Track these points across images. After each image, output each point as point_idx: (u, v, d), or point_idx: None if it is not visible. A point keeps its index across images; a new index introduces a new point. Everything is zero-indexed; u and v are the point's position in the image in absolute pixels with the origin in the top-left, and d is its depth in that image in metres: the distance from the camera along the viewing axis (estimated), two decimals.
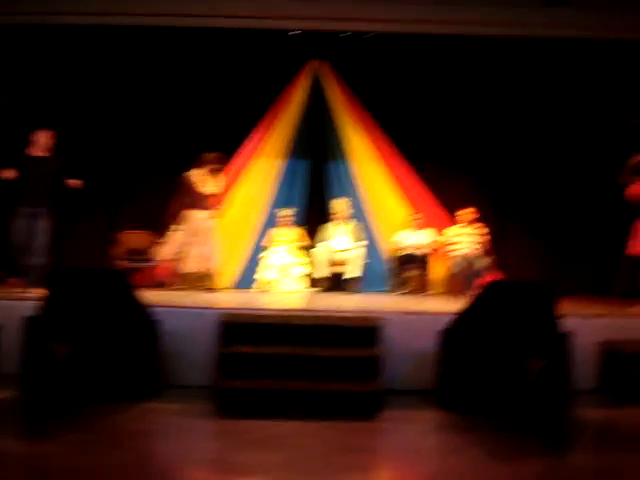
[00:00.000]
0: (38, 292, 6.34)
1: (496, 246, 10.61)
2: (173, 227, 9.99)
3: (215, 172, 9.39)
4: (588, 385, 6.34)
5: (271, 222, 10.62)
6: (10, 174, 7.82)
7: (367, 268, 10.45)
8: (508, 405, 5.54)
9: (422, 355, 6.21)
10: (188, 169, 9.52)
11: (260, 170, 10.71)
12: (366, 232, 10.51)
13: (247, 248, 10.65)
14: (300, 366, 5.76)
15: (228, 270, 10.51)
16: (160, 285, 9.77)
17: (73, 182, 8.20)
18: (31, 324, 5.73)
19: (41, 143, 8.14)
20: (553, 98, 10.59)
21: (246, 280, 10.50)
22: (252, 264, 10.55)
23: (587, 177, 10.55)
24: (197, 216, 9.34)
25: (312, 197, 10.91)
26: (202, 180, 9.30)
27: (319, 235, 10.35)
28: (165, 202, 10.38)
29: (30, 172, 7.91)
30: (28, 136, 8.19)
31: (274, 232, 10.41)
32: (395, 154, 10.69)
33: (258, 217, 10.70)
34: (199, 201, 9.31)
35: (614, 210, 10.47)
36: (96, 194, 9.53)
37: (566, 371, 5.67)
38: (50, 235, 8.02)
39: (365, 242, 10.24)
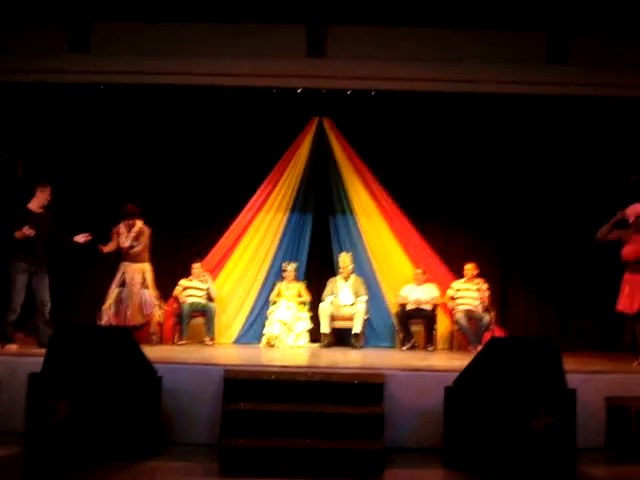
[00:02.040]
0: (41, 350, 6.32)
1: (498, 301, 10.63)
2: (182, 282, 10.10)
3: (129, 226, 9.23)
4: (594, 442, 6.28)
5: (275, 276, 10.65)
6: (30, 231, 7.84)
7: (371, 323, 10.44)
8: (514, 463, 5.48)
9: (427, 412, 6.17)
10: (195, 228, 9.60)
11: (265, 224, 10.76)
12: (370, 286, 10.51)
13: (250, 302, 10.65)
14: (304, 423, 5.72)
15: (231, 324, 10.52)
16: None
17: (82, 237, 8.27)
18: (34, 381, 5.72)
19: (40, 199, 8.20)
20: (554, 154, 10.66)
21: (249, 335, 10.49)
22: (255, 318, 10.56)
23: (588, 232, 10.56)
24: (124, 268, 9.21)
25: (315, 251, 10.96)
26: (121, 234, 9.19)
27: (327, 289, 10.35)
28: (170, 257, 10.47)
29: (33, 228, 7.92)
30: (31, 190, 8.28)
31: (281, 286, 10.43)
32: (397, 209, 10.75)
33: (262, 271, 10.72)
34: (124, 254, 9.20)
35: (616, 265, 10.53)
36: (90, 249, 9.51)
37: (572, 428, 5.62)
38: (49, 290, 8.05)
39: (366, 297, 10.23)
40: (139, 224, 9.25)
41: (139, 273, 9.18)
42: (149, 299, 9.27)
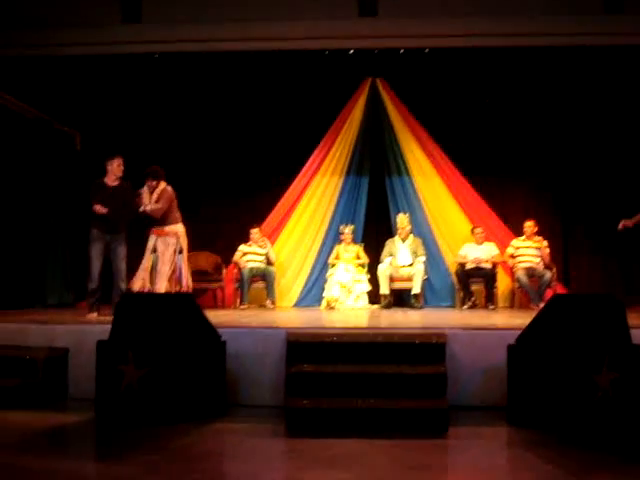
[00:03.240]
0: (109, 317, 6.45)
1: (560, 258, 10.51)
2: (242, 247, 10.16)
3: (152, 187, 8.54)
4: None
5: (332, 239, 10.69)
6: (104, 210, 7.95)
7: (431, 283, 10.43)
8: (579, 419, 5.45)
9: (490, 370, 6.15)
10: (253, 193, 9.62)
11: (322, 187, 10.80)
12: (428, 246, 10.48)
13: (309, 265, 10.72)
14: (366, 384, 5.76)
15: (291, 288, 10.61)
16: None
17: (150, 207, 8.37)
18: (102, 348, 5.87)
19: (114, 170, 8.28)
20: (613, 106, 10.45)
21: (309, 297, 10.58)
22: (314, 281, 10.63)
23: None
24: (154, 234, 8.60)
25: (372, 213, 10.96)
26: (144, 196, 8.55)
27: (385, 250, 10.36)
28: (229, 223, 10.58)
29: (107, 200, 8.05)
30: (103, 164, 8.38)
31: (339, 248, 10.46)
32: (453, 168, 10.68)
33: (320, 234, 10.77)
34: (154, 220, 8.53)
35: None
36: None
37: (638, 383, 5.55)
38: (125, 260, 8.20)
39: (424, 257, 10.20)
40: (162, 185, 8.52)
41: (172, 237, 8.52)
42: (183, 266, 8.61)
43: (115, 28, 9.54)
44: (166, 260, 8.44)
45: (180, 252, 8.56)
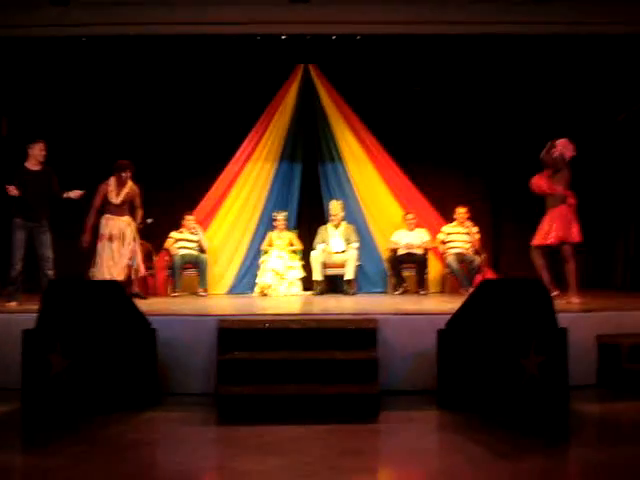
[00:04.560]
0: (34, 306, 6.32)
1: (490, 244, 10.68)
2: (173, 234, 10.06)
3: (122, 180, 8.84)
4: (586, 380, 6.37)
5: (265, 225, 10.66)
6: (15, 191, 7.79)
7: (363, 269, 10.49)
8: (507, 402, 5.56)
9: (420, 355, 6.23)
10: (184, 180, 9.55)
11: (254, 174, 10.73)
12: (361, 233, 10.54)
13: (242, 252, 10.67)
14: (298, 370, 5.77)
15: (224, 275, 10.55)
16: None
17: (73, 193, 8.20)
18: (29, 337, 5.74)
19: (36, 155, 8.11)
20: (540, 94, 10.64)
21: (242, 285, 10.53)
22: (247, 268, 10.59)
23: (580, 170, 10.58)
24: (111, 222, 8.78)
25: (305, 199, 10.96)
26: (112, 189, 8.81)
27: (318, 237, 10.38)
28: (161, 209, 10.44)
29: (28, 186, 7.90)
30: (25, 149, 8.18)
31: (272, 235, 10.44)
32: (385, 155, 10.74)
33: (253, 220, 10.73)
34: (113, 208, 8.81)
35: (607, 203, 10.57)
36: (85, 205, 9.46)
37: (564, 366, 5.69)
38: (51, 247, 8.04)
39: (357, 244, 10.25)
40: (130, 182, 8.90)
41: (127, 226, 8.82)
42: (138, 253, 8.93)
43: (42, 10, 9.31)
44: (126, 248, 8.71)
45: (134, 240, 8.87)
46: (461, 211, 10.21)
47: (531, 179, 8.23)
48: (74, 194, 8.22)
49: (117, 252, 8.72)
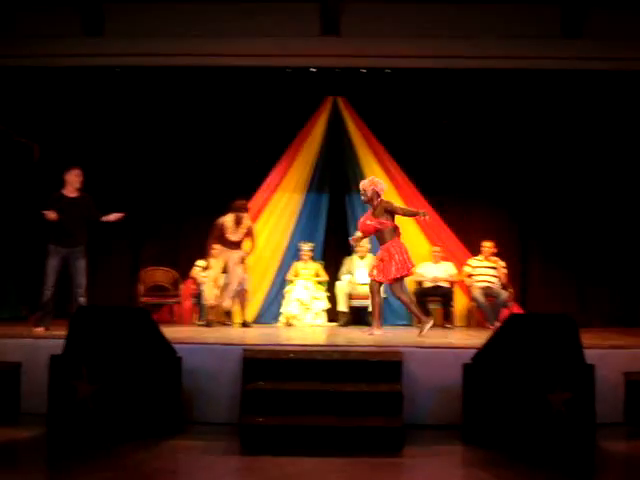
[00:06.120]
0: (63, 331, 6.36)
1: (517, 279, 10.61)
2: (199, 263, 10.14)
3: (239, 219, 9.43)
4: (613, 417, 6.28)
5: (292, 256, 10.68)
6: (54, 215, 7.85)
7: (388, 301, 10.44)
8: (533, 438, 5.49)
9: (445, 389, 6.18)
10: (212, 209, 9.69)
11: (282, 204, 10.80)
12: None
13: (268, 282, 10.69)
14: (323, 401, 5.75)
15: (251, 305, 10.56)
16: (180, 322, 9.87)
17: (113, 216, 8.25)
18: (56, 362, 5.77)
19: (72, 182, 8.18)
20: (569, 128, 10.64)
21: (268, 314, 10.53)
22: (274, 298, 10.60)
23: (608, 207, 10.55)
24: (227, 254, 9.46)
25: (331, 230, 10.98)
26: (230, 227, 9.41)
27: (343, 268, 10.39)
28: (187, 240, 10.54)
29: (65, 212, 7.96)
30: (58, 175, 8.27)
31: (298, 266, 10.45)
32: (412, 187, 10.76)
33: (279, 250, 10.76)
34: (228, 242, 9.44)
35: (633, 240, 10.49)
36: (120, 232, 9.60)
37: (591, 403, 5.62)
38: (85, 274, 8.11)
39: None
40: (248, 220, 9.57)
41: (239, 258, 9.48)
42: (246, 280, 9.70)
43: (76, 41, 9.49)
44: (236, 276, 9.43)
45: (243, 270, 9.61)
46: (487, 245, 10.17)
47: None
48: (114, 217, 8.25)
49: (232, 280, 9.39)
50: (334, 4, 9.42)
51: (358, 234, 8.50)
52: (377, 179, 8.37)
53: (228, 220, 9.44)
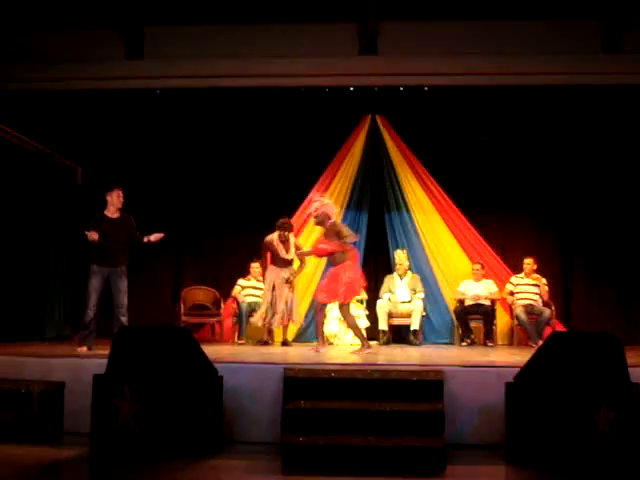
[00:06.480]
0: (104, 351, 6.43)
1: (559, 296, 10.49)
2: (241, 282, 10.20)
3: (284, 237, 9.55)
4: None
5: None
6: (95, 236, 7.93)
7: (429, 320, 10.41)
8: (577, 459, 5.40)
9: (488, 408, 6.11)
10: (254, 227, 9.79)
11: None
12: (427, 283, 10.48)
13: (308, 300, 10.69)
14: (364, 421, 5.72)
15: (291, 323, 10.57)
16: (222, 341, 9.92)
17: (154, 237, 8.32)
18: (99, 382, 5.83)
19: (114, 202, 8.28)
20: (611, 144, 10.53)
21: (308, 333, 10.54)
22: (313, 316, 10.57)
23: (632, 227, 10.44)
24: (276, 272, 9.58)
25: (371, 248, 10.98)
26: (277, 246, 9.54)
27: (384, 286, 10.37)
28: (229, 257, 10.61)
29: (107, 233, 8.06)
30: (101, 197, 8.38)
31: None
32: (452, 205, 10.73)
33: (319, 269, 10.75)
34: (279, 261, 9.60)
35: None
36: (161, 251, 9.68)
37: (636, 422, 5.51)
38: (126, 294, 8.19)
39: (423, 294, 10.20)
40: (293, 237, 9.70)
41: (290, 276, 9.59)
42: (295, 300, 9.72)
43: (117, 63, 9.64)
44: (282, 295, 9.52)
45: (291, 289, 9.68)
46: (528, 262, 10.08)
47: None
48: (154, 237, 8.33)
49: (278, 299, 9.50)
50: (372, 24, 9.47)
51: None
52: (327, 200, 8.47)
53: (275, 238, 9.52)
